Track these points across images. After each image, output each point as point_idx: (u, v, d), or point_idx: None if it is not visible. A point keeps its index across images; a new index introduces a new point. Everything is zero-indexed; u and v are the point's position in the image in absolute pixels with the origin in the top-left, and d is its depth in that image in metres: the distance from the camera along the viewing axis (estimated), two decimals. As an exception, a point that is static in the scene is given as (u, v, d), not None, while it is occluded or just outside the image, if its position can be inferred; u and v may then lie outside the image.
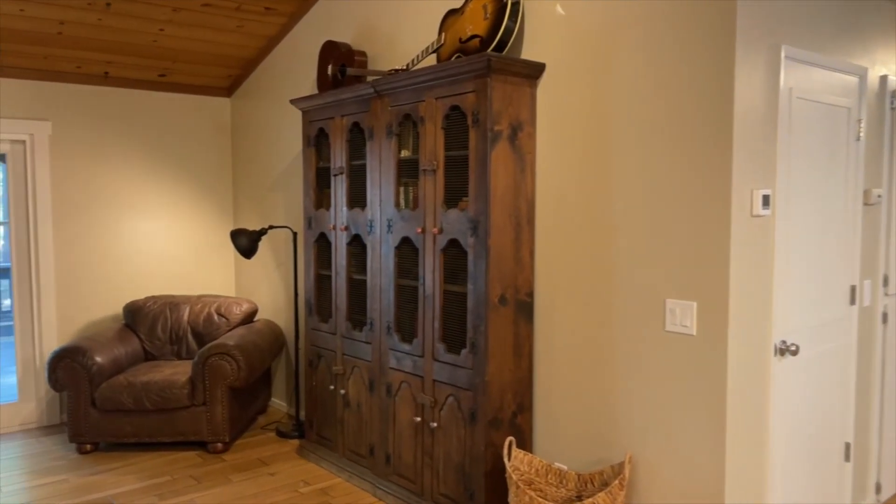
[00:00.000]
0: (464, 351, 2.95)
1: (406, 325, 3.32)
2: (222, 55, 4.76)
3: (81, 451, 4.08)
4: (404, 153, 3.31)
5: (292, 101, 3.93)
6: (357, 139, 3.60)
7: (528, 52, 3.00)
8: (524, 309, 2.99)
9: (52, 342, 4.59)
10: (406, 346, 3.26)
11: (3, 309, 8.06)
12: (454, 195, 3.01)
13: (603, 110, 2.71)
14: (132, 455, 4.05)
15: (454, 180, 3.01)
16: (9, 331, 6.15)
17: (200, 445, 4.15)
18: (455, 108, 2.95)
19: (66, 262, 4.65)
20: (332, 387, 3.78)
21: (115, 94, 4.82)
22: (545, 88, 2.94)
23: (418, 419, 3.19)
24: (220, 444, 4.06)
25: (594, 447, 2.80)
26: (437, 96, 3.01)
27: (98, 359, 4.06)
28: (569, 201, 2.86)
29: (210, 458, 3.99)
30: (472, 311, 2.90)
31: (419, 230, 3.13)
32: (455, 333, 3.04)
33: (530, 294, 3.01)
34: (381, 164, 3.37)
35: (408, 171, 3.29)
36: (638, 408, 2.64)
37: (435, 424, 3.10)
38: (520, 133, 2.91)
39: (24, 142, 4.50)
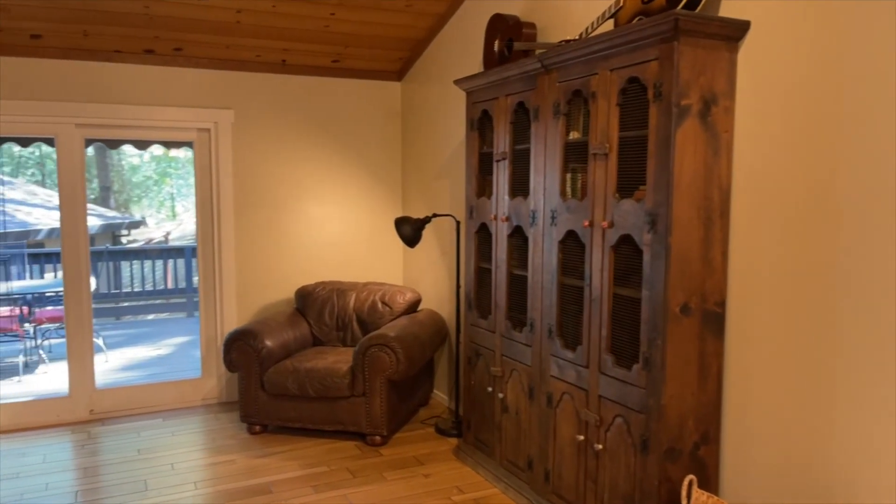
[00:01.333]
0: (635, 366, 2.51)
1: (569, 330, 2.94)
2: (392, 37, 4.63)
3: (251, 432, 4.20)
4: (573, 135, 2.91)
5: (456, 82, 3.67)
6: (521, 121, 3.25)
7: (728, 9, 2.46)
8: (713, 321, 2.48)
9: (231, 322, 4.80)
10: (569, 354, 2.89)
11: (195, 286, 8.84)
12: (629, 183, 2.57)
13: (834, 77, 2.12)
14: (296, 440, 4.09)
15: (629, 166, 2.56)
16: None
17: (360, 436, 4.10)
18: (633, 80, 2.50)
19: (245, 246, 4.83)
20: (489, 388, 3.51)
21: (292, 82, 4.89)
22: (749, 52, 2.39)
23: (581, 437, 2.81)
24: (378, 437, 3.97)
25: (802, 495, 2.25)
26: (613, 67, 2.58)
27: (268, 342, 4.14)
28: (776, 190, 2.30)
29: (368, 451, 3.92)
30: (646, 320, 2.46)
31: (586, 223, 2.73)
32: (626, 345, 2.61)
33: (721, 303, 2.49)
34: (545, 148, 3.00)
35: (575, 156, 2.89)
36: (871, 453, 2.05)
37: (600, 447, 2.70)
38: (713, 108, 2.39)
39: (209, 130, 4.71)
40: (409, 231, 4.23)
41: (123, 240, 14.22)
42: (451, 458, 3.83)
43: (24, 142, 4.39)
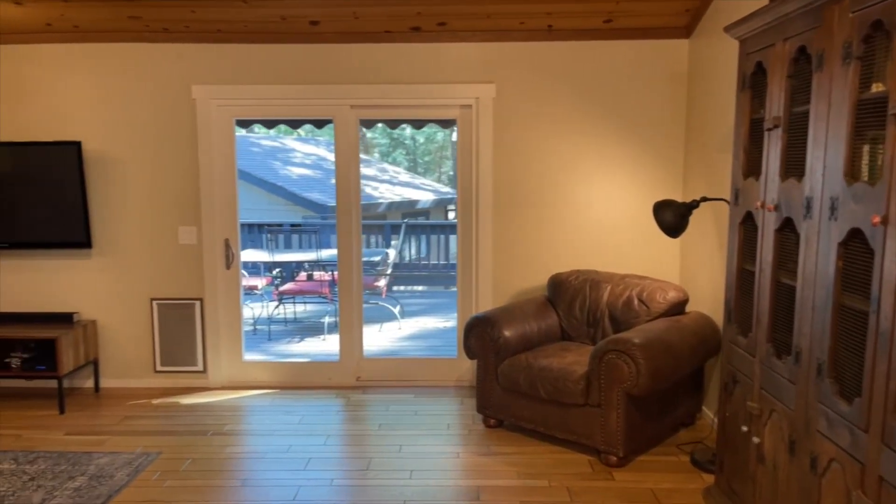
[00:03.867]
0: (937, 449, 1.60)
1: (846, 372, 2.05)
2: (669, -15, 3.88)
3: (487, 425, 3.98)
4: (875, 88, 1.97)
5: (726, 29, 2.86)
6: (802, 73, 2.36)
7: None
8: None
9: (486, 305, 4.63)
10: (843, 406, 2.01)
11: (452, 261, 8.94)
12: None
13: None
14: (527, 442, 3.75)
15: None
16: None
17: (595, 451, 3.58)
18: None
19: (502, 226, 4.59)
20: (744, 428, 2.71)
21: (558, 49, 4.46)
22: None
23: (852, 529, 1.94)
24: (613, 457, 3.41)
25: None
26: (931, -24, 1.64)
27: (506, 332, 3.86)
28: None
29: (599, 471, 3.39)
30: (959, 380, 1.52)
31: (876, 219, 1.82)
32: (927, 411, 1.68)
33: None
34: (829, 109, 2.11)
35: (870, 119, 1.96)
36: None
37: (876, 552, 1.82)
38: None
39: (470, 106, 4.55)
40: (671, 218, 3.52)
41: (451, 214, 15.36)
42: (697, 500, 3.10)
43: (295, 123, 4.77)
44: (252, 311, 7.10)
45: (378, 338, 6.42)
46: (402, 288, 9.33)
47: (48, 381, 4.55)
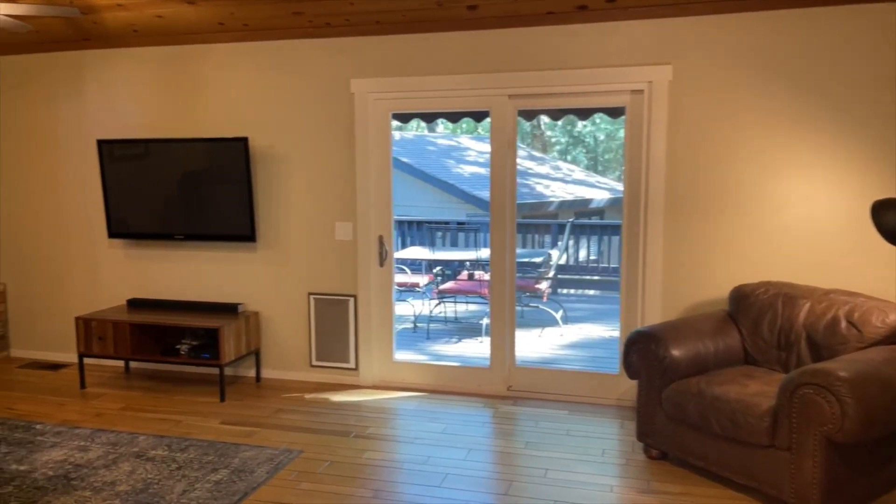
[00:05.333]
0: None
1: None
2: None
3: (648, 455, 3.47)
4: None
5: None
6: None
7: None
8: None
9: (653, 317, 4.09)
10: None
11: (615, 265, 8.15)
12: None
13: None
14: (697, 482, 3.20)
15: None
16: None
17: None
18: None
19: (675, 229, 4.03)
20: None
21: (747, 22, 3.80)
22: None
23: None
24: (805, 515, 2.78)
25: None
26: None
27: (674, 351, 3.33)
28: None
29: (786, 530, 2.77)
30: None
31: None
32: None
33: None
34: None
35: None
36: None
37: None
38: None
39: (642, 91, 4.03)
40: (894, 220, 2.79)
41: (628, 214, 14.49)
42: (924, 587, 2.40)
43: (453, 117, 4.52)
44: (413, 308, 7.06)
45: (537, 344, 6.06)
46: (567, 291, 8.86)
47: (213, 368, 4.74)
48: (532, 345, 5.99)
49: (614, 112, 4.70)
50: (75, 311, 5.15)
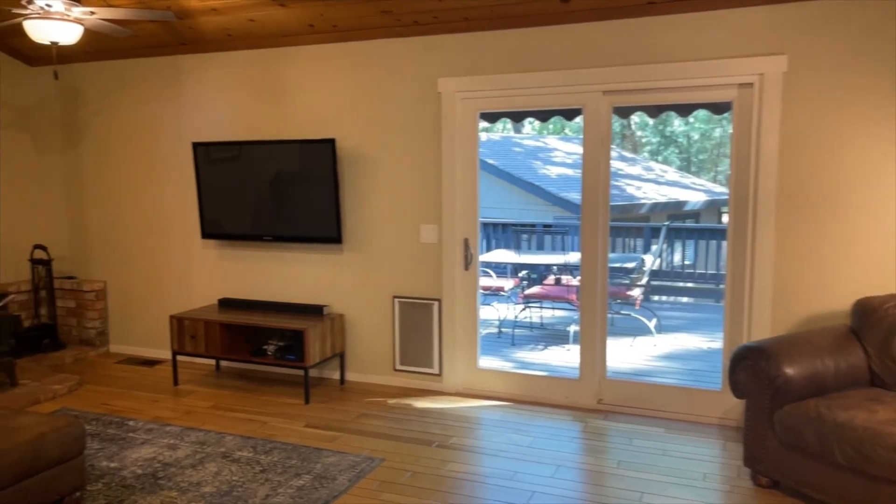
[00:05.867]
0: None
1: None
2: None
3: (756, 483, 3.17)
4: None
5: None
6: None
7: None
8: None
9: (762, 331, 3.76)
10: None
11: (723, 270, 7.58)
12: None
13: None
14: (814, 515, 2.88)
15: None
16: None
17: (919, 547, 2.60)
18: None
19: (788, 230, 3.68)
20: None
21: (872, 5, 3.42)
22: None
23: None
24: (948, 564, 2.43)
25: None
26: None
27: (787, 369, 3.01)
28: None
29: (925, 580, 2.43)
30: None
31: None
32: None
33: None
34: None
35: None
36: None
37: None
38: None
39: (751, 84, 3.71)
40: None
41: (725, 217, 13.78)
42: None
43: (543, 115, 4.32)
44: (498, 312, 6.89)
45: (628, 354, 5.76)
46: (661, 298, 8.45)
47: (299, 370, 4.74)
48: (623, 355, 5.71)
49: (718, 108, 4.38)
50: (171, 310, 5.30)
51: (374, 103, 4.56)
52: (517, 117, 5.40)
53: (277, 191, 4.74)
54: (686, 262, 8.76)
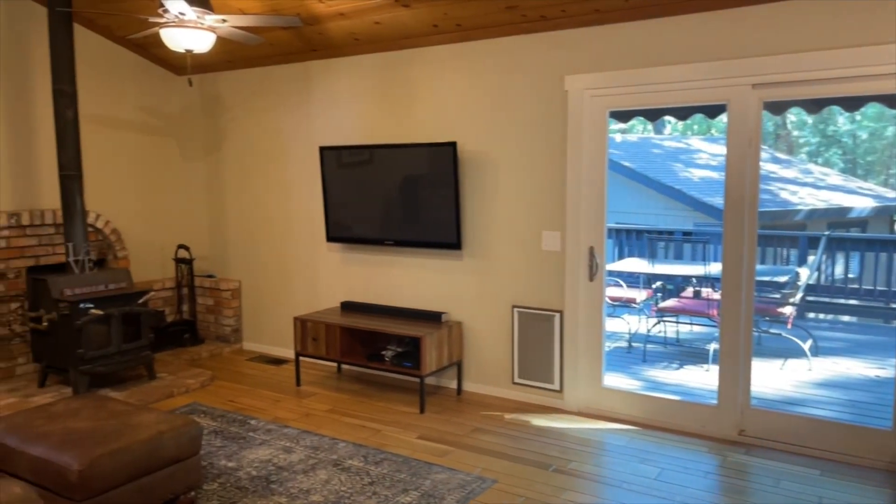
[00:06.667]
0: None
1: None
2: None
3: (937, 547, 2.64)
4: None
5: None
6: None
7: None
8: None
9: (947, 364, 3.17)
10: None
11: (894, 287, 6.52)
12: None
13: None
14: None
15: None
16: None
17: None
18: None
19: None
20: None
21: None
22: None
23: None
24: None
25: None
26: None
27: (983, 416, 2.48)
28: None
29: None
30: None
31: None
32: None
33: None
34: None
35: None
36: None
37: None
38: None
39: (938, 73, 3.14)
40: None
41: (898, 226, 12.25)
42: None
43: (682, 113, 3.91)
44: (628, 325, 6.47)
45: (777, 379, 5.16)
46: (818, 316, 7.58)
47: (414, 378, 4.66)
48: (771, 380, 5.12)
49: (893, 101, 3.77)
50: (297, 310, 5.41)
51: (496, 104, 4.37)
52: (652, 115, 5.01)
53: (397, 195, 4.68)
54: (850, 277, 7.82)
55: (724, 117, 3.75)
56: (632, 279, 6.83)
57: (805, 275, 6.41)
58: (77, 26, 5.11)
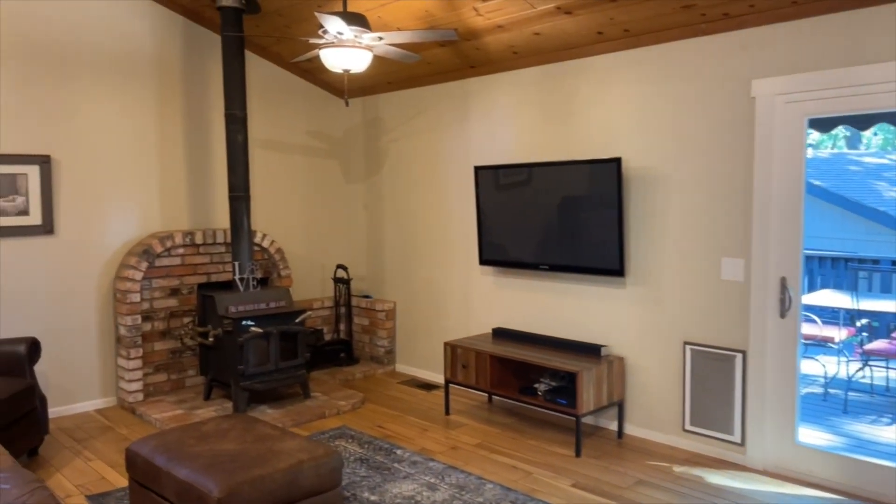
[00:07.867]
0: None
1: None
2: None
3: None
4: None
5: None
6: None
7: None
8: None
9: None
10: None
11: None
12: None
13: None
14: None
15: None
16: None
17: None
18: None
19: None
20: None
21: None
22: None
23: None
24: None
25: None
26: None
27: None
28: None
29: None
30: None
31: None
32: None
33: None
34: None
35: None
36: None
37: None
38: None
39: None
40: None
41: None
42: None
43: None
44: (824, 369, 5.59)
45: None
46: None
47: (569, 416, 4.27)
48: None
49: None
50: (448, 335, 5.23)
51: (667, 115, 3.92)
52: (861, 124, 4.26)
53: (553, 216, 4.35)
54: None
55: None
56: (828, 315, 5.93)
57: None
58: (250, 54, 5.36)
